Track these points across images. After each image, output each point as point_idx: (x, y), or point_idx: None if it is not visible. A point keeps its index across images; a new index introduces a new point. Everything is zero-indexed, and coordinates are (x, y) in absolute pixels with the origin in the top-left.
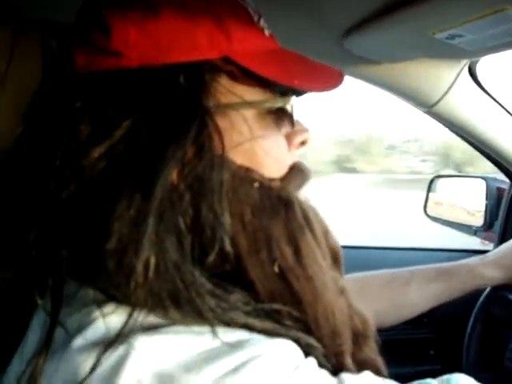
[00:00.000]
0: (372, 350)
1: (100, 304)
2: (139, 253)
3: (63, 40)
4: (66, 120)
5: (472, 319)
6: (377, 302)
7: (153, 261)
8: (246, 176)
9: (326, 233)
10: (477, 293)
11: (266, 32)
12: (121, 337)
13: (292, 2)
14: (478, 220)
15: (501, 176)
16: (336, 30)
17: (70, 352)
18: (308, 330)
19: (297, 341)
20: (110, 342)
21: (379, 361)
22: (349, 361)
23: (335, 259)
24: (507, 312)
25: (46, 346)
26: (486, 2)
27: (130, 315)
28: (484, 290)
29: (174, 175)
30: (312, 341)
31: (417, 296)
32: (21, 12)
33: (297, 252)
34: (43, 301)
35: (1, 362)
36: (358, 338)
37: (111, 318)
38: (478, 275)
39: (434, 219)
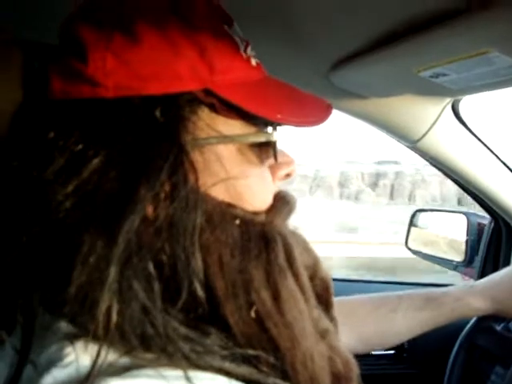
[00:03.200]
0: None
1: (72, 339)
2: (99, 302)
3: (44, 62)
4: (38, 151)
5: (456, 349)
6: (363, 326)
7: (115, 308)
8: (226, 212)
9: (315, 266)
10: (458, 327)
11: (253, 61)
12: (91, 378)
13: (280, 35)
14: (459, 255)
15: (481, 212)
16: (323, 63)
17: None
18: (286, 376)
19: None
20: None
21: None
22: None
23: (324, 292)
24: (492, 343)
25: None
26: (470, 43)
27: (96, 358)
28: (468, 320)
29: (148, 211)
30: None
31: (403, 322)
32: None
33: (276, 297)
34: (11, 336)
35: None
36: (340, 381)
37: (82, 357)
38: (466, 305)
39: (415, 252)
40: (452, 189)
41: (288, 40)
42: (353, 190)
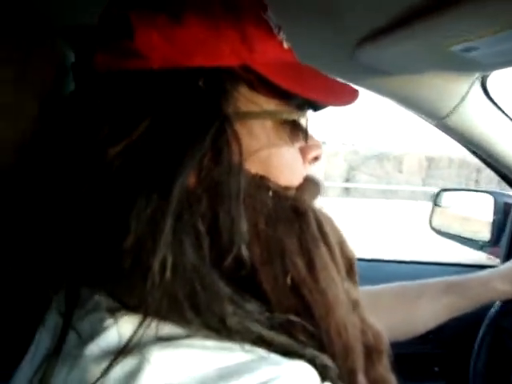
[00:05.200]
0: (384, 368)
1: (113, 311)
2: (156, 251)
3: (82, 40)
4: (85, 118)
5: (481, 332)
6: (389, 315)
7: (170, 260)
8: (260, 184)
9: (342, 243)
10: (483, 309)
11: (285, 45)
12: (133, 346)
13: (305, 13)
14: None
15: (508, 191)
16: (349, 40)
17: (83, 358)
18: (321, 346)
19: (312, 361)
20: (120, 351)
21: (392, 379)
22: (361, 379)
23: (350, 270)
24: None
25: (57, 351)
26: (503, 16)
27: (141, 323)
28: (492, 303)
29: (192, 178)
30: (327, 360)
31: (429, 309)
32: (39, 18)
33: (310, 264)
34: (56, 302)
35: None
36: (372, 353)
37: (125, 327)
38: (491, 289)
39: (439, 232)
40: (343, 166)
41: (313, 17)
42: None
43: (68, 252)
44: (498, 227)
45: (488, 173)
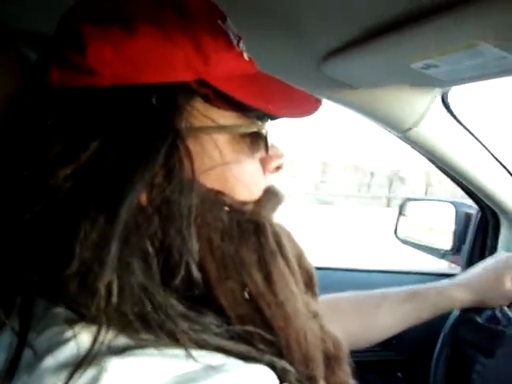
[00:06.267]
0: (345, 374)
1: (71, 323)
2: (101, 276)
3: (41, 52)
4: (37, 138)
5: (440, 341)
6: (347, 323)
7: (115, 284)
8: (215, 200)
9: (300, 256)
10: (444, 316)
11: (245, 55)
12: (92, 358)
13: (272, 26)
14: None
15: (469, 201)
16: (315, 54)
17: (39, 372)
18: (280, 354)
19: (271, 365)
20: (79, 362)
21: None
22: None
23: (309, 282)
24: (475, 334)
25: (12, 370)
26: (461, 36)
27: (96, 335)
28: (452, 312)
29: (142, 197)
30: (286, 365)
31: (387, 318)
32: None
33: (268, 278)
34: (10, 320)
35: None
36: (331, 360)
37: (82, 338)
38: (448, 297)
39: (404, 242)
40: None
41: (279, 30)
42: None
43: (21, 270)
44: (459, 236)
45: (380, 178)
